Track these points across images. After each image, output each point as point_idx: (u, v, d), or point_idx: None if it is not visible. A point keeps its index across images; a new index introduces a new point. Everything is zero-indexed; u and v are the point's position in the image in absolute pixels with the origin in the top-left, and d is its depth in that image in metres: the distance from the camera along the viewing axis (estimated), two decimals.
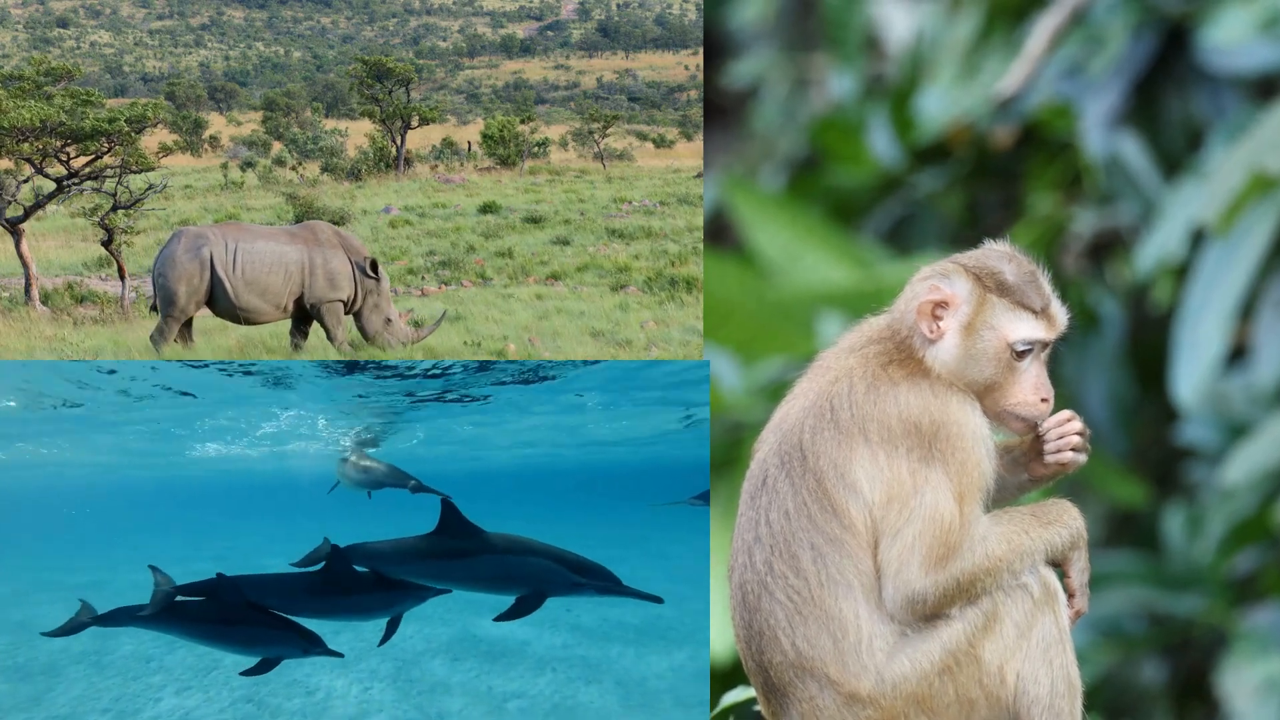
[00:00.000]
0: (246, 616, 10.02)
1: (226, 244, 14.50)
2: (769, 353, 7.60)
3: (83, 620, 10.58)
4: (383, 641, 10.95)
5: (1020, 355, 3.65)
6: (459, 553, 10.33)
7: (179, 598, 10.24)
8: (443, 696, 12.91)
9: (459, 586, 10.56)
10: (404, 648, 15.04)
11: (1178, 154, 7.87)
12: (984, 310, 3.63)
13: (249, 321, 14.89)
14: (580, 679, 13.55)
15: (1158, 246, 7.52)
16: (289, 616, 10.18)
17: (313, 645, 10.02)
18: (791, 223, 7.89)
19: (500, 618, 9.93)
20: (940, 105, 8.00)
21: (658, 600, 10.46)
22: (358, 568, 10.66)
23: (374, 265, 14.98)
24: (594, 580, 10.19)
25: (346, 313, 15.04)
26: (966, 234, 8.12)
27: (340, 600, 10.45)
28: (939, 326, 3.65)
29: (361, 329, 15.14)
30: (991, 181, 8.31)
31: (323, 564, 10.75)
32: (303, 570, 10.99)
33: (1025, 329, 3.64)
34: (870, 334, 3.73)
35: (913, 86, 8.18)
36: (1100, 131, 7.87)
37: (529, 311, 18.49)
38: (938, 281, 3.67)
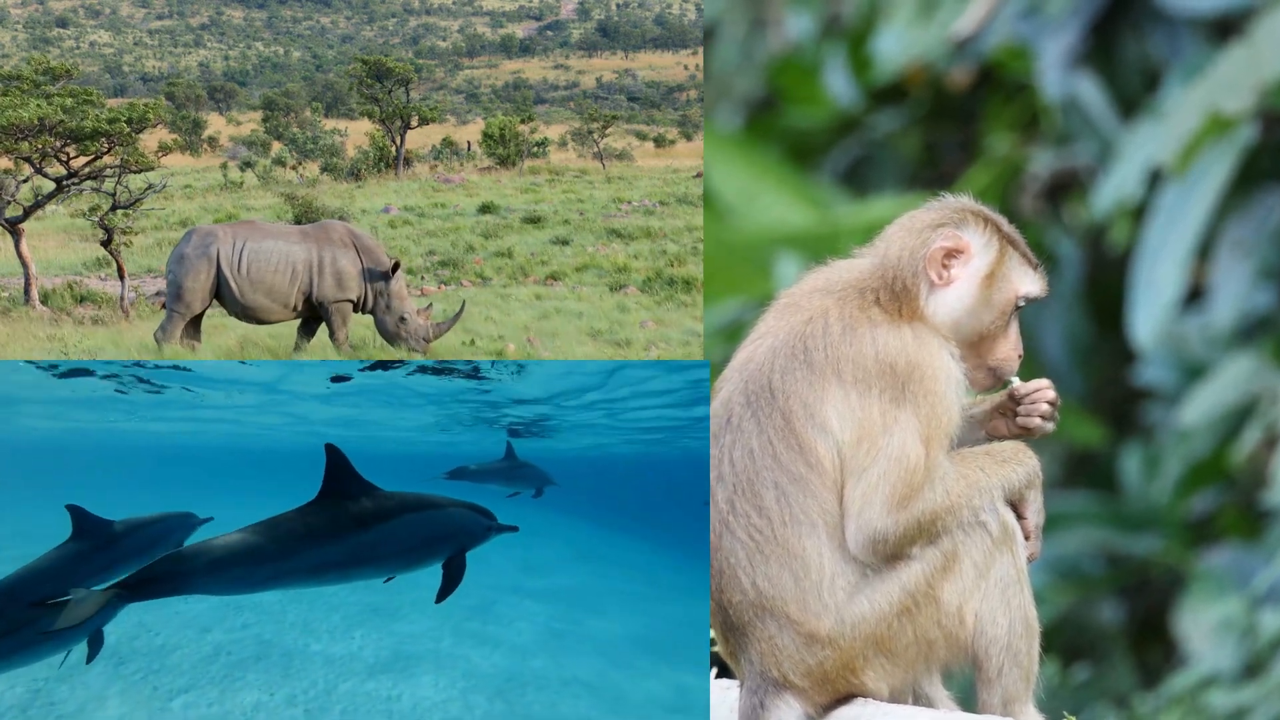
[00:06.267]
0: (41, 614, 7.04)
1: (234, 243, 14.52)
2: (726, 294, 7.61)
3: None
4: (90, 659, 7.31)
5: (1019, 309, 3.63)
6: (360, 520, 7.77)
7: None
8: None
9: (360, 571, 7.95)
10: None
11: (1135, 95, 7.88)
12: (1003, 262, 3.60)
13: (258, 320, 14.85)
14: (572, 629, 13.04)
15: (1115, 187, 7.52)
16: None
17: (121, 598, 7.11)
18: (748, 163, 7.89)
19: (442, 597, 8.14)
20: (897, 46, 8.00)
21: (514, 529, 9.05)
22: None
23: (395, 267, 14.89)
24: (493, 521, 8.76)
25: (361, 312, 15.00)
26: (924, 175, 8.12)
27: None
28: (948, 274, 3.60)
29: (379, 329, 15.11)
30: (949, 122, 8.32)
31: None
32: None
33: (1030, 284, 3.64)
34: (847, 277, 3.66)
35: (870, 27, 8.18)
36: (1057, 72, 7.88)
37: (528, 311, 18.43)
38: (953, 229, 3.62)
